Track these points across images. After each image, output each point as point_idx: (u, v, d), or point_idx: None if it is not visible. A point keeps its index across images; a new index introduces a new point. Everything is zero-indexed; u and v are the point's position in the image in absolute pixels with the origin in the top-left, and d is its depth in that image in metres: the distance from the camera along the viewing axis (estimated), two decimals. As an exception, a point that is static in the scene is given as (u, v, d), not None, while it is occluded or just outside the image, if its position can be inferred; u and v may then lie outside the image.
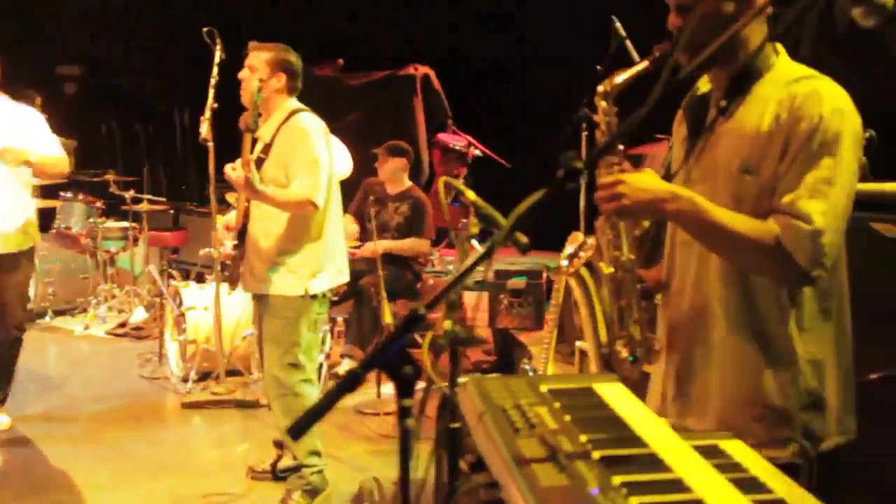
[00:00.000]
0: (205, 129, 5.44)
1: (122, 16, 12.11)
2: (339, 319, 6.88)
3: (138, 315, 8.11)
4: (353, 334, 6.50)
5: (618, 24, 5.14)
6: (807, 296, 2.09)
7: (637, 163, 6.40)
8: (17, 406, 5.53)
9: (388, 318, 5.70)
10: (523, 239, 2.19)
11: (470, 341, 2.19)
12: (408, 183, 6.95)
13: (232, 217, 4.47)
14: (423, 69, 8.71)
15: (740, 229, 2.03)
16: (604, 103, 2.23)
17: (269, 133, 4.28)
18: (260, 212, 4.24)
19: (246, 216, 4.29)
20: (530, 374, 4.88)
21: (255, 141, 4.26)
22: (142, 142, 12.15)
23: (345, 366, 6.47)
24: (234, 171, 4.01)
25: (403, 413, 1.32)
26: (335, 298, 6.60)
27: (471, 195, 2.31)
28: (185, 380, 6.22)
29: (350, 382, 1.27)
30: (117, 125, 12.73)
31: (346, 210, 6.97)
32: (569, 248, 2.29)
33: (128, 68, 12.67)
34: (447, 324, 2.06)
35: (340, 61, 9.33)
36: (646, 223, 2.27)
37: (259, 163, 4.21)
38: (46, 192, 8.77)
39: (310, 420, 1.26)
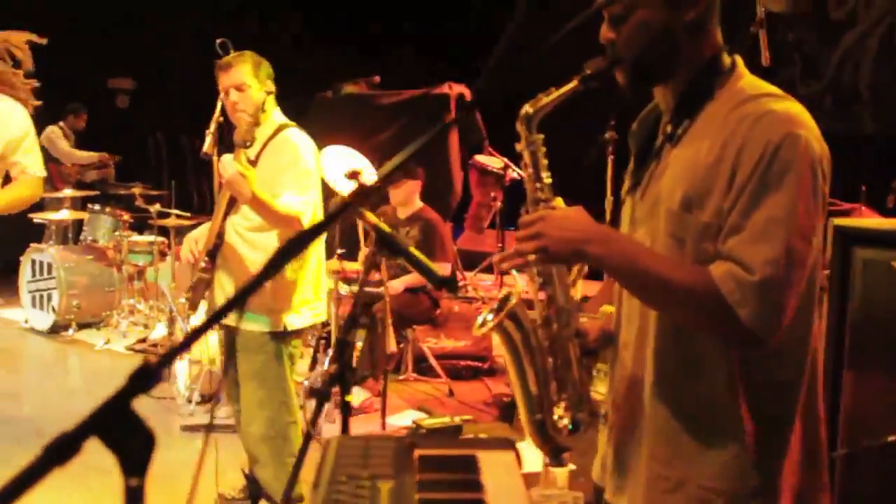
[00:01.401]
0: (208, 143, 5.21)
1: (174, 30, 12.09)
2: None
3: (159, 331, 7.95)
4: (365, 362, 6.25)
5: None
6: (760, 362, 1.75)
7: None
8: (11, 419, 5.37)
9: (392, 346, 5.44)
10: (440, 271, 1.92)
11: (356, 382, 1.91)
12: (419, 204, 6.69)
13: (201, 232, 4.12)
14: (458, 88, 8.44)
15: (675, 278, 1.70)
16: (523, 129, 1.91)
17: (254, 150, 3.91)
18: (237, 236, 3.91)
19: (220, 236, 3.94)
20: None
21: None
22: (186, 155, 12.10)
23: (356, 394, 6.22)
24: (229, 164, 3.65)
25: (131, 498, 1.04)
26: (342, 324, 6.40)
27: (371, 218, 2.05)
28: (190, 401, 6.04)
29: (60, 452, 1.00)
30: (164, 139, 12.74)
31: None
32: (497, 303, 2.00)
33: (178, 82, 12.66)
34: (333, 369, 1.80)
35: (377, 78, 9.13)
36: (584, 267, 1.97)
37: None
38: (74, 204, 8.74)
39: (12, 494, 0.99)
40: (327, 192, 6.29)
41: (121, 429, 1.04)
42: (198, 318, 5.96)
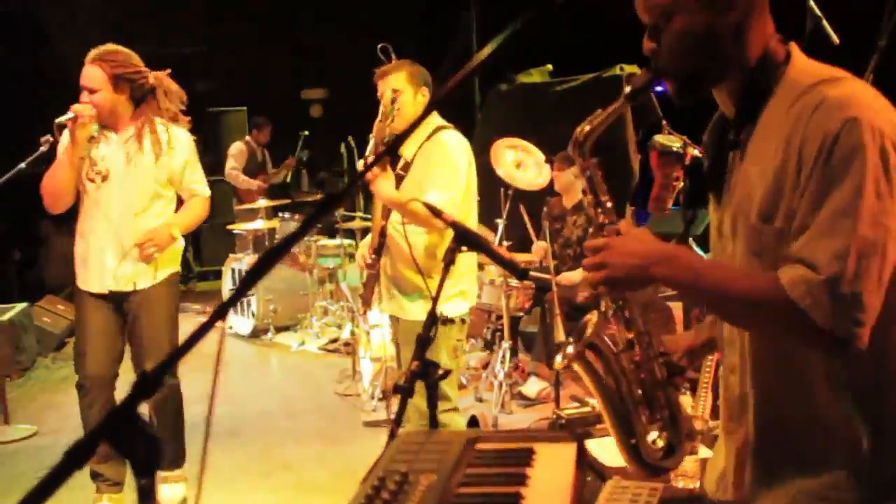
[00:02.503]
0: (370, 148, 5.36)
1: (363, 42, 12.46)
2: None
3: (348, 331, 8.22)
4: (539, 350, 6.24)
5: (812, 3, 4.66)
6: (863, 362, 1.61)
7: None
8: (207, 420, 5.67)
9: (560, 336, 5.40)
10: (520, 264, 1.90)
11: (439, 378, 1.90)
12: (583, 192, 6.57)
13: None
14: (629, 69, 8.24)
15: (744, 290, 1.63)
16: (577, 155, 1.87)
17: (411, 151, 4.12)
18: (397, 232, 4.08)
19: (382, 234, 4.14)
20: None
21: (397, 159, 4.17)
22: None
23: (531, 384, 6.21)
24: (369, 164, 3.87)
25: (142, 495, 1.09)
26: (521, 314, 6.40)
27: (448, 216, 2.04)
28: (372, 397, 6.22)
29: (75, 459, 1.05)
30: (356, 144, 13.15)
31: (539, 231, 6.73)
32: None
33: (369, 88, 13.00)
34: (414, 365, 1.80)
35: (549, 67, 9.07)
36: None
37: (398, 180, 4.09)
38: (267, 213, 9.17)
39: (41, 494, 1.05)
40: (500, 184, 6.32)
41: (128, 433, 1.08)
42: (374, 315, 6.15)
